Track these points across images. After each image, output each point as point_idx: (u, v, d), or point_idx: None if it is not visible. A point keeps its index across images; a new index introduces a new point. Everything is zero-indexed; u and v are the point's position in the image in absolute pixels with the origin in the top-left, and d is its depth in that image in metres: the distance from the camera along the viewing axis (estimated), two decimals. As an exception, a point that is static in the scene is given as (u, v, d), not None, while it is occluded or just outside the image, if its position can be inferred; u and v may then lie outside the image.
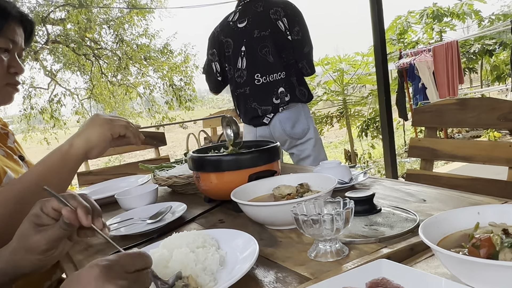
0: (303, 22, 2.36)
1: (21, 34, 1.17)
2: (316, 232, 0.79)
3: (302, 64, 2.36)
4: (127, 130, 1.14)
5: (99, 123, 1.10)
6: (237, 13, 2.42)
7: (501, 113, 1.54)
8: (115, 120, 1.13)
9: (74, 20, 10.16)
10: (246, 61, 2.37)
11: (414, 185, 1.28)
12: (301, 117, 2.38)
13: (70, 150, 1.06)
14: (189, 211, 1.26)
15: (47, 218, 0.75)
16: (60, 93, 11.31)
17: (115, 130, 1.12)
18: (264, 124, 2.39)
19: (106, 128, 1.10)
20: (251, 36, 2.34)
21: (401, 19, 8.51)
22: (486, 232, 0.66)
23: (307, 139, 2.41)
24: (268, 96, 2.34)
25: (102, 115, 1.14)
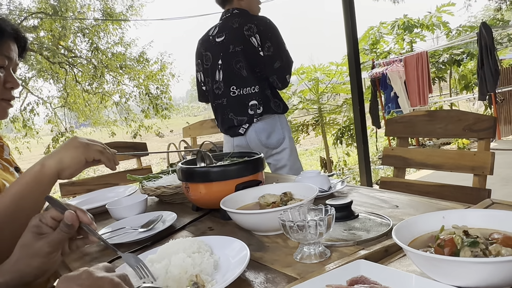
0: (275, 37, 2.42)
1: (15, 50, 1.22)
2: (301, 237, 0.88)
3: (272, 79, 2.42)
4: (102, 156, 1.16)
5: (74, 145, 1.12)
6: (216, 28, 2.51)
7: (466, 124, 1.67)
8: (91, 145, 1.15)
9: (47, 28, 10.03)
10: (223, 74, 2.46)
11: (387, 193, 1.39)
12: (277, 128, 2.46)
13: (42, 170, 1.07)
14: (178, 219, 1.32)
15: (46, 227, 0.83)
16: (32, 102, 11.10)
17: (90, 155, 1.13)
18: (240, 134, 2.47)
19: (80, 151, 1.12)
20: (227, 51, 2.43)
21: (373, 30, 8.76)
22: (449, 233, 0.75)
23: (282, 148, 2.49)
24: (243, 107, 2.42)
25: (79, 138, 1.16)
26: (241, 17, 2.44)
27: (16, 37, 1.21)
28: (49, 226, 0.83)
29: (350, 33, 4.13)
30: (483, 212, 0.85)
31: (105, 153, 1.18)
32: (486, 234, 0.75)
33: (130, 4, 11.49)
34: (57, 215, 0.83)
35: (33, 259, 0.82)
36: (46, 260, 0.83)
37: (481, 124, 1.61)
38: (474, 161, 1.61)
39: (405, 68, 6.98)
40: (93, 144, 1.16)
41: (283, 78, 2.43)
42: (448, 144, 7.57)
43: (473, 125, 1.64)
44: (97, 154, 1.15)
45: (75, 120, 13.10)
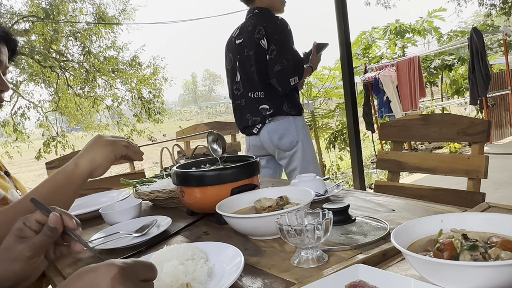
0: (281, 39, 2.40)
1: (5, 53, 1.20)
2: (299, 241, 0.87)
3: (273, 82, 2.42)
4: (128, 150, 1.20)
5: (102, 144, 1.16)
6: (238, 29, 2.54)
7: (460, 128, 1.67)
8: (117, 141, 1.19)
9: (39, 32, 9.97)
10: (241, 77, 2.51)
11: (383, 196, 1.38)
12: (291, 130, 2.47)
13: (75, 170, 1.11)
14: (173, 224, 1.31)
15: (30, 231, 0.80)
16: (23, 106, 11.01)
17: (118, 151, 1.18)
18: (254, 134, 2.51)
19: (110, 149, 1.16)
20: (243, 54, 2.47)
21: (365, 35, 8.82)
22: (448, 237, 0.74)
23: (294, 151, 2.48)
24: (257, 109, 2.47)
25: (104, 136, 1.20)
26: (256, 19, 2.45)
27: (6, 39, 1.20)
28: (33, 230, 0.80)
29: (343, 37, 4.15)
30: (481, 215, 0.85)
31: (131, 146, 1.22)
32: (484, 237, 0.75)
33: (123, 8, 11.47)
34: (42, 218, 0.80)
35: (13, 263, 0.79)
36: (26, 265, 0.79)
37: (475, 128, 1.62)
38: (468, 165, 1.61)
39: (397, 72, 7.02)
40: (119, 140, 1.21)
41: (284, 81, 2.41)
42: (440, 148, 7.62)
43: (467, 129, 1.65)
44: (124, 149, 1.20)
45: (67, 124, 13.01)
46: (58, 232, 0.79)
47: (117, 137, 1.22)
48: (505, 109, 7.90)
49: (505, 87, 7.63)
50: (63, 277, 1.07)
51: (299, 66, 2.44)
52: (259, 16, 2.46)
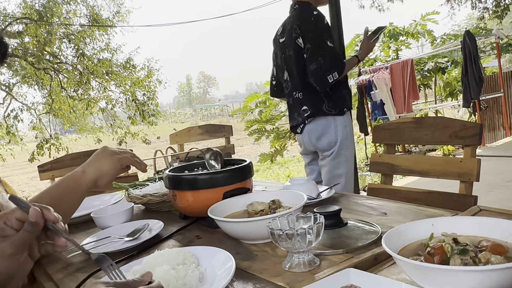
0: (315, 36, 2.34)
1: None
2: (291, 245, 0.87)
3: (311, 81, 2.37)
4: (133, 162, 1.27)
5: (108, 154, 1.22)
6: (281, 27, 2.53)
7: (453, 131, 1.68)
8: (123, 152, 1.25)
9: (32, 34, 9.92)
10: (287, 75, 2.53)
11: (376, 200, 1.39)
12: (330, 130, 2.44)
13: (82, 176, 1.16)
14: (165, 228, 1.30)
15: (11, 229, 0.79)
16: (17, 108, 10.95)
17: (124, 161, 1.24)
18: (298, 133, 2.55)
19: (116, 159, 1.22)
20: (285, 53, 2.47)
21: (359, 37, 8.84)
22: (439, 241, 0.75)
23: (331, 152, 2.47)
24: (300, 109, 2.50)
25: (109, 147, 1.25)
26: (294, 16, 2.43)
27: None
28: (14, 228, 0.79)
29: (337, 40, 4.16)
30: (472, 219, 0.85)
31: (135, 157, 1.29)
32: (475, 241, 0.75)
33: (117, 10, 11.44)
34: (22, 216, 0.79)
35: None
36: (9, 263, 0.78)
37: (467, 131, 1.63)
38: (461, 168, 1.62)
39: (391, 75, 7.05)
40: (124, 151, 1.27)
41: (321, 79, 2.34)
42: (434, 151, 7.65)
43: (459, 132, 1.66)
44: (130, 160, 1.27)
45: (60, 127, 12.96)
46: (39, 226, 0.79)
47: (122, 149, 1.28)
48: (498, 111, 7.95)
49: (497, 90, 7.68)
50: (53, 282, 1.06)
51: (337, 61, 2.36)
52: (297, 12, 2.43)
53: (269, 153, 6.59)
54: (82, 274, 1.03)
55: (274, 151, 6.59)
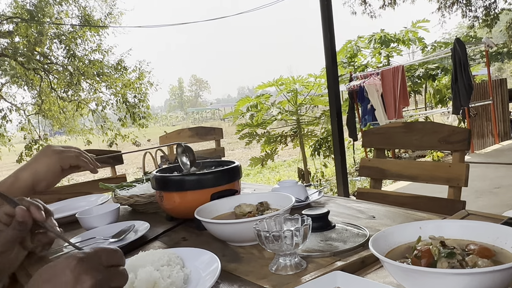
0: None
1: None
2: (277, 247, 0.85)
3: None
4: (78, 160, 1.12)
5: (48, 154, 1.08)
6: None
7: (441, 136, 1.68)
8: (65, 151, 1.11)
9: (22, 33, 9.83)
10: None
11: (364, 203, 1.38)
12: None
13: (14, 183, 1.03)
14: (151, 229, 1.28)
15: (1, 224, 0.77)
16: (5, 108, 10.82)
17: (65, 162, 1.09)
18: None
19: (54, 159, 1.08)
20: None
21: (351, 43, 8.89)
22: (426, 244, 0.74)
23: None
24: None
25: (53, 146, 1.12)
26: None
27: None
28: (3, 223, 0.77)
29: (329, 46, 4.18)
30: (459, 223, 0.85)
31: (82, 157, 1.14)
32: (462, 245, 0.75)
33: (109, 11, 11.39)
34: (11, 211, 0.77)
35: None
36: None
37: (456, 136, 1.63)
38: (449, 173, 1.62)
39: (382, 81, 7.09)
40: (68, 150, 1.12)
41: None
42: (423, 157, 7.69)
43: (448, 137, 1.66)
44: (73, 159, 1.11)
45: (50, 128, 12.84)
46: (28, 225, 0.77)
47: (67, 147, 1.15)
48: (486, 119, 8.03)
49: (487, 98, 7.76)
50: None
51: None
52: None
53: (259, 157, 6.57)
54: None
55: (265, 155, 6.58)
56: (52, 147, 1.11)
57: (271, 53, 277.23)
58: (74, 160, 1.12)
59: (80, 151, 1.16)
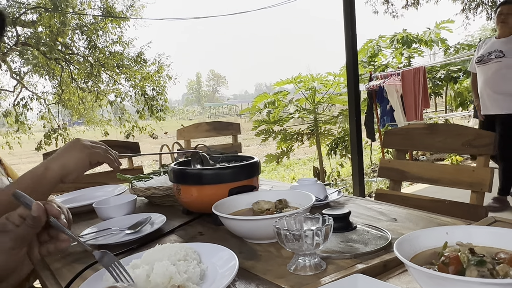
0: None
1: None
2: (297, 247, 0.83)
3: None
4: (105, 158, 1.15)
5: (78, 148, 1.10)
6: None
7: (466, 139, 1.64)
8: (95, 147, 1.14)
9: (46, 23, 9.95)
10: None
11: (385, 205, 1.35)
12: None
13: (45, 174, 1.05)
14: (167, 222, 1.27)
15: (12, 225, 0.77)
16: (27, 97, 11.00)
17: (94, 157, 1.12)
18: None
19: (84, 154, 1.10)
20: None
21: (372, 43, 8.78)
22: (454, 250, 0.71)
23: None
24: None
25: (82, 140, 1.14)
26: None
27: None
28: (16, 224, 0.77)
29: (350, 44, 4.12)
30: (489, 229, 0.81)
31: (108, 154, 1.17)
32: (491, 253, 0.72)
33: (131, 4, 11.45)
34: (24, 213, 0.77)
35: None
36: (8, 257, 0.76)
37: (481, 140, 1.58)
38: (473, 177, 1.58)
39: (402, 82, 6.98)
40: (97, 146, 1.16)
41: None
42: (442, 160, 7.57)
43: (473, 141, 1.62)
44: (101, 156, 1.15)
45: (69, 118, 13.02)
46: (41, 221, 0.76)
47: (95, 143, 1.17)
48: (509, 124, 7.85)
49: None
50: (51, 271, 1.03)
51: None
52: None
53: (275, 154, 6.54)
54: (80, 265, 1.00)
55: (280, 152, 6.54)
56: (82, 142, 1.13)
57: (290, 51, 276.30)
58: (101, 157, 1.15)
59: (107, 148, 1.18)
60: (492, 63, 3.70)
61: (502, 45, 3.69)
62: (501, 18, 3.72)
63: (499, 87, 3.68)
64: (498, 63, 3.65)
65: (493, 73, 3.70)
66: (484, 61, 3.78)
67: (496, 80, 3.68)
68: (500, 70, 3.65)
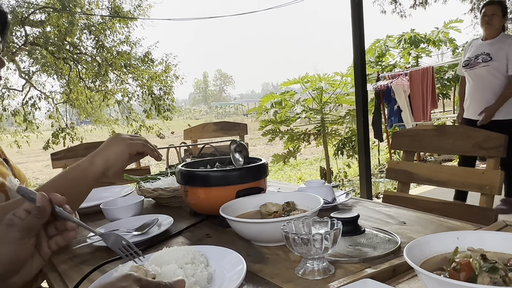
0: None
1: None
2: (305, 251, 0.82)
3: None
4: (144, 147, 1.18)
5: (117, 142, 1.15)
6: None
7: (476, 141, 1.62)
8: (133, 139, 1.17)
9: (54, 23, 10.01)
10: None
11: (394, 208, 1.33)
12: None
13: (89, 168, 1.10)
14: (174, 224, 1.27)
15: (18, 219, 0.78)
16: (35, 96, 11.07)
17: (133, 148, 1.15)
18: None
19: (123, 147, 1.14)
20: None
21: (380, 43, 8.74)
22: (465, 256, 0.70)
23: None
24: None
25: (122, 134, 1.18)
26: None
27: None
28: (21, 219, 0.78)
29: (358, 44, 4.10)
30: (500, 235, 0.80)
31: (148, 144, 1.20)
32: (504, 259, 0.70)
33: (138, 3, 11.48)
34: (29, 206, 0.78)
35: (2, 246, 0.77)
36: (16, 246, 0.77)
37: (491, 142, 1.57)
38: (482, 180, 1.56)
39: (410, 82, 6.94)
40: (135, 138, 1.19)
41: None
42: (450, 161, 7.51)
43: (483, 143, 1.60)
44: (140, 146, 1.18)
45: (77, 117, 13.07)
46: (46, 211, 0.77)
47: (134, 136, 1.20)
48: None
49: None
50: (58, 273, 1.04)
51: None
52: None
53: (282, 154, 6.53)
54: (88, 267, 1.00)
55: (287, 153, 6.53)
56: (121, 136, 1.17)
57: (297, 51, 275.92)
58: (140, 147, 1.17)
59: (145, 140, 1.21)
60: (480, 67, 3.57)
61: (489, 47, 3.57)
62: (485, 19, 3.58)
63: (487, 92, 3.56)
64: (486, 67, 3.53)
65: (481, 78, 3.58)
66: (471, 64, 3.66)
67: (484, 85, 3.57)
68: (488, 74, 3.53)
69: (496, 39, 3.57)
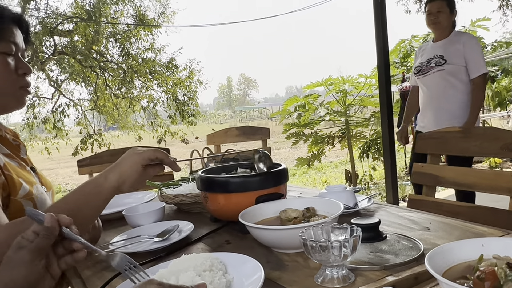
0: None
1: (19, 35, 1.19)
2: (324, 258, 0.81)
3: None
4: (156, 153, 1.15)
5: (130, 155, 1.13)
6: None
7: (504, 143, 1.57)
8: (145, 149, 1.16)
9: (81, 33, 10.28)
10: None
11: (418, 213, 1.30)
12: None
13: (104, 183, 1.09)
14: (195, 230, 1.27)
15: (27, 241, 0.79)
16: (64, 104, 11.37)
17: (144, 157, 1.12)
18: None
19: (135, 158, 1.12)
20: None
21: (405, 43, 8.60)
22: (490, 264, 0.67)
23: None
24: None
25: (135, 148, 1.17)
26: None
27: (18, 22, 1.19)
28: (30, 241, 0.79)
29: (381, 45, 4.05)
30: (528, 242, 0.77)
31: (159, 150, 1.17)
32: (531, 267, 0.67)
33: (162, 11, 11.67)
34: (38, 228, 0.79)
35: (14, 270, 0.77)
36: (28, 270, 0.77)
37: (520, 144, 1.51)
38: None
39: (436, 82, 6.79)
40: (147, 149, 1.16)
41: None
42: (480, 163, 7.31)
43: (511, 144, 1.55)
44: (151, 153, 1.14)
45: (104, 123, 13.35)
46: (55, 231, 0.78)
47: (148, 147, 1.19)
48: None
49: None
50: (81, 279, 1.05)
51: None
52: None
53: (306, 157, 6.49)
54: (110, 273, 1.02)
55: (311, 156, 6.49)
56: (134, 149, 1.16)
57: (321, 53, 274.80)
58: (151, 154, 1.14)
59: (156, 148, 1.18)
60: (434, 73, 3.03)
61: (441, 49, 3.05)
62: (431, 19, 3.08)
63: (444, 101, 3.02)
64: (440, 71, 2.99)
65: (436, 85, 3.05)
66: (423, 71, 3.12)
67: (440, 92, 3.03)
68: (443, 80, 3.00)
69: (448, 38, 3.08)
